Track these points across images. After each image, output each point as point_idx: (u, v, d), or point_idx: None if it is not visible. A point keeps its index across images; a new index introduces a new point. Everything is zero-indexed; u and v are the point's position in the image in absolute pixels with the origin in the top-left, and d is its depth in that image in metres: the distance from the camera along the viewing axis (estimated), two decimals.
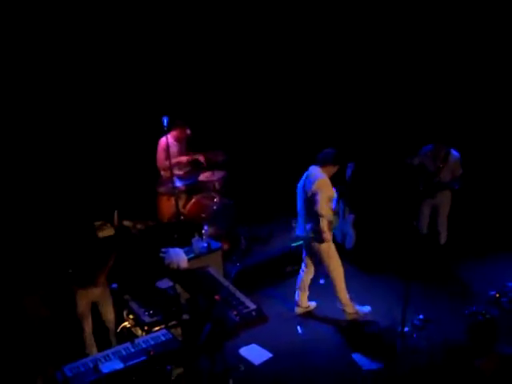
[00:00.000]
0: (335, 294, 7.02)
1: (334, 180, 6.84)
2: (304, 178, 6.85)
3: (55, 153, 8.37)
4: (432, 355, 6.30)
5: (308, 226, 6.86)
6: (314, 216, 6.70)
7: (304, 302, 7.30)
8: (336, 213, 6.84)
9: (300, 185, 6.90)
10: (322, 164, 6.73)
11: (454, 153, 7.72)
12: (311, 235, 6.85)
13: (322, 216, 6.64)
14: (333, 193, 6.73)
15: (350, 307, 7.06)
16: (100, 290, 6.33)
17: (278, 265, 8.13)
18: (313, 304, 7.37)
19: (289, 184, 9.33)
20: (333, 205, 6.74)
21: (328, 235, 6.78)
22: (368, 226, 8.12)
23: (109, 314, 6.45)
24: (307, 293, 7.30)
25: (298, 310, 7.32)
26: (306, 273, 7.23)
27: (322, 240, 6.77)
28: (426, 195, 7.87)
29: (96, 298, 6.35)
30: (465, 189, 7.67)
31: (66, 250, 6.18)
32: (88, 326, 6.35)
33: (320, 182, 6.64)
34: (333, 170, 6.77)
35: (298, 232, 7.11)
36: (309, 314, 7.29)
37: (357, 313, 7.08)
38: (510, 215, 8.90)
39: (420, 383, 6.04)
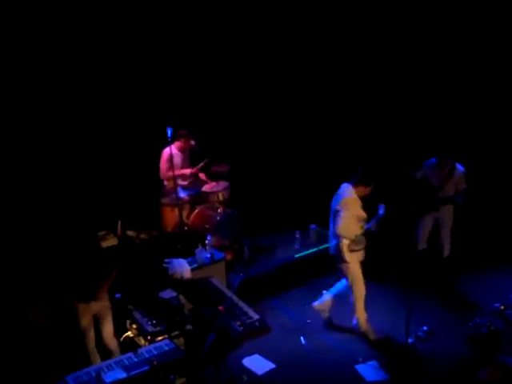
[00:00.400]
0: (354, 312, 6.92)
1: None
2: (335, 194, 6.77)
3: (59, 162, 8.38)
4: (436, 367, 6.27)
5: (333, 243, 6.81)
6: (336, 234, 6.67)
7: (326, 305, 7.15)
8: (368, 232, 6.68)
9: (332, 201, 6.81)
10: (354, 183, 6.62)
11: (459, 167, 7.68)
12: (335, 252, 6.80)
13: (339, 236, 6.59)
14: (361, 212, 6.58)
15: (365, 327, 6.94)
16: (101, 305, 6.18)
17: (282, 275, 8.12)
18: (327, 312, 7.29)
19: (292, 195, 9.41)
20: (365, 225, 6.61)
21: (348, 256, 6.65)
22: (373, 237, 8.09)
23: (109, 333, 6.24)
24: (335, 302, 7.16)
25: (316, 306, 7.19)
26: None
27: (342, 259, 6.71)
28: (429, 208, 7.83)
29: (97, 311, 6.19)
30: (468, 201, 7.65)
31: (68, 260, 6.15)
32: (91, 340, 6.22)
33: (344, 201, 6.56)
34: (365, 190, 6.62)
35: (330, 247, 7.02)
36: (312, 325, 7.26)
37: (370, 334, 6.94)
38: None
39: None
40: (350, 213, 6.51)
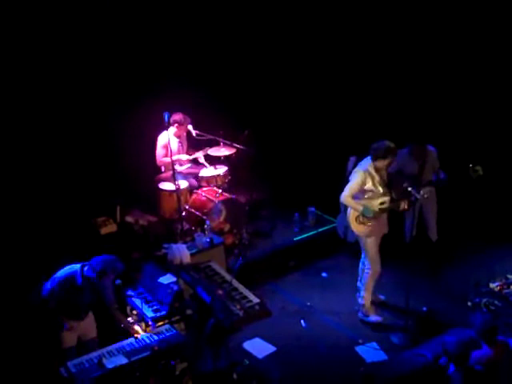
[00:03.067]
0: (361, 286, 6.97)
1: None
2: None
3: (56, 149, 8.34)
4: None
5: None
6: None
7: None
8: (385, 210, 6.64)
9: None
10: (372, 157, 6.54)
11: (431, 148, 7.53)
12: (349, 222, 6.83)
13: (342, 202, 6.67)
14: (375, 187, 6.51)
15: (367, 307, 6.99)
16: (88, 323, 5.86)
17: (281, 259, 8.13)
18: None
19: (291, 177, 9.40)
20: (387, 201, 6.58)
21: (355, 226, 6.68)
22: None
23: None
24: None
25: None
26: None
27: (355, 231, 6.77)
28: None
29: (83, 331, 5.80)
30: (459, 183, 7.44)
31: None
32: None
33: (355, 173, 6.59)
34: (383, 163, 6.50)
35: None
36: (312, 308, 7.27)
37: (369, 312, 7.00)
38: (507, 207, 8.82)
39: (424, 374, 6.05)
40: (355, 184, 6.51)
